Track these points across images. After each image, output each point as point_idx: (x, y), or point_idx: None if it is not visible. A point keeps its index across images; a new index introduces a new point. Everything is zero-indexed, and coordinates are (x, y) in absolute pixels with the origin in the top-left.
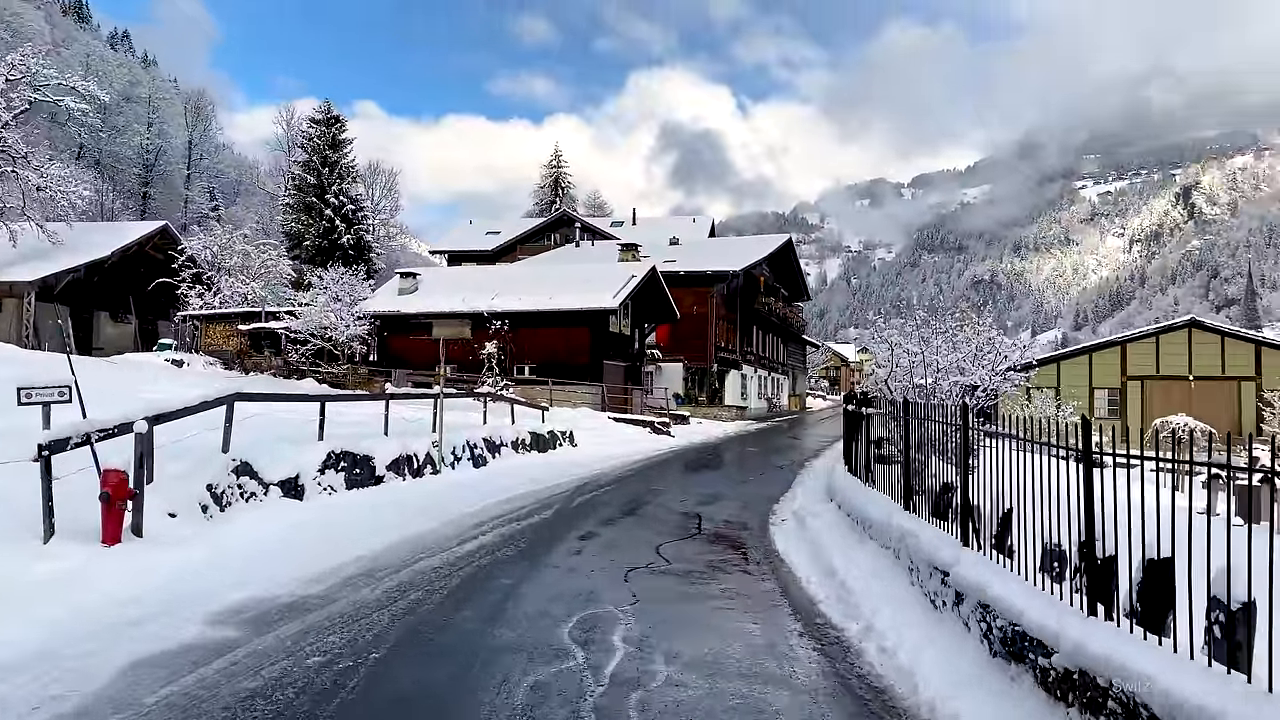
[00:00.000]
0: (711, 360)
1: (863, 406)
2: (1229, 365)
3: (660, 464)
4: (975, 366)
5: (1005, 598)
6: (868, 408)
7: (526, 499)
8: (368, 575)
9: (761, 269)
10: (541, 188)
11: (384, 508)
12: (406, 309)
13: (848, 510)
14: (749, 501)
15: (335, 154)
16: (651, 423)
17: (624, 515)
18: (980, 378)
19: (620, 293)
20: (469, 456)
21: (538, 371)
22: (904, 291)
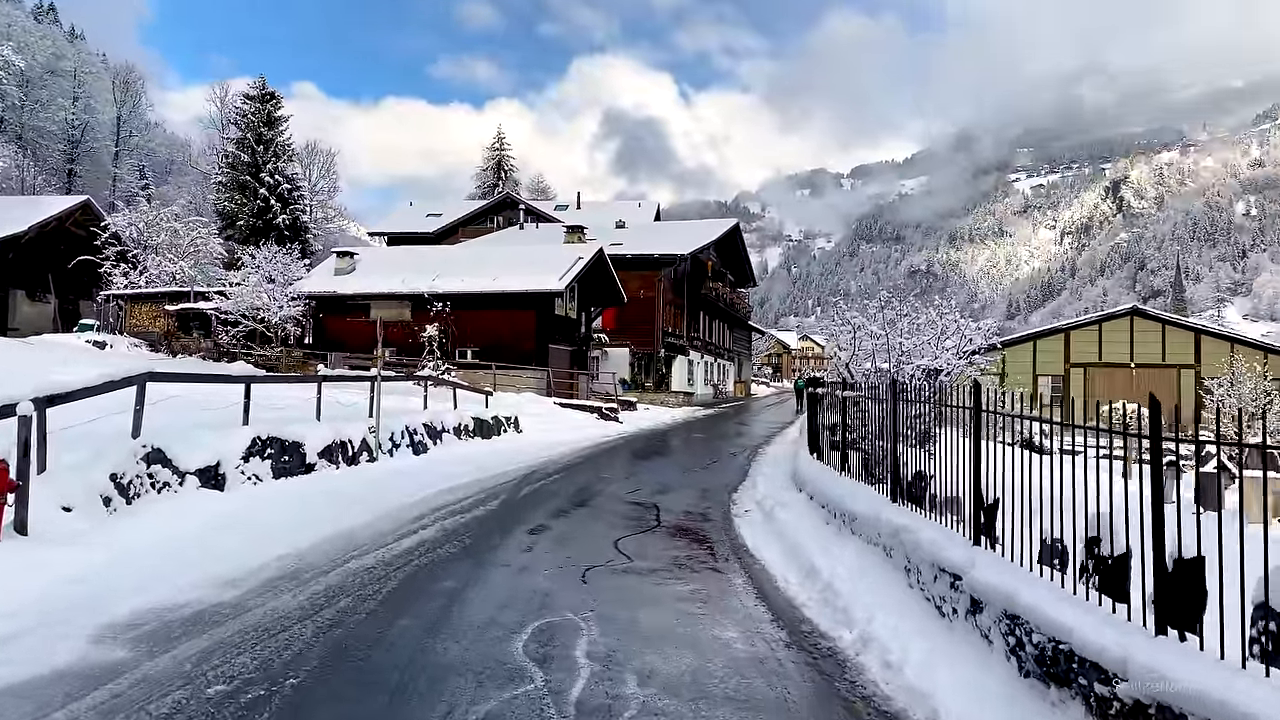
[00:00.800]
0: (659, 345)
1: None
2: (1170, 353)
3: (610, 451)
4: (938, 350)
5: (1040, 608)
6: (844, 390)
7: (470, 488)
8: (291, 577)
9: (709, 254)
10: (484, 170)
11: (314, 498)
12: (343, 290)
13: (822, 501)
14: (707, 490)
15: (270, 132)
16: (599, 408)
17: (576, 506)
18: (946, 361)
19: (566, 275)
20: (408, 443)
21: (481, 355)
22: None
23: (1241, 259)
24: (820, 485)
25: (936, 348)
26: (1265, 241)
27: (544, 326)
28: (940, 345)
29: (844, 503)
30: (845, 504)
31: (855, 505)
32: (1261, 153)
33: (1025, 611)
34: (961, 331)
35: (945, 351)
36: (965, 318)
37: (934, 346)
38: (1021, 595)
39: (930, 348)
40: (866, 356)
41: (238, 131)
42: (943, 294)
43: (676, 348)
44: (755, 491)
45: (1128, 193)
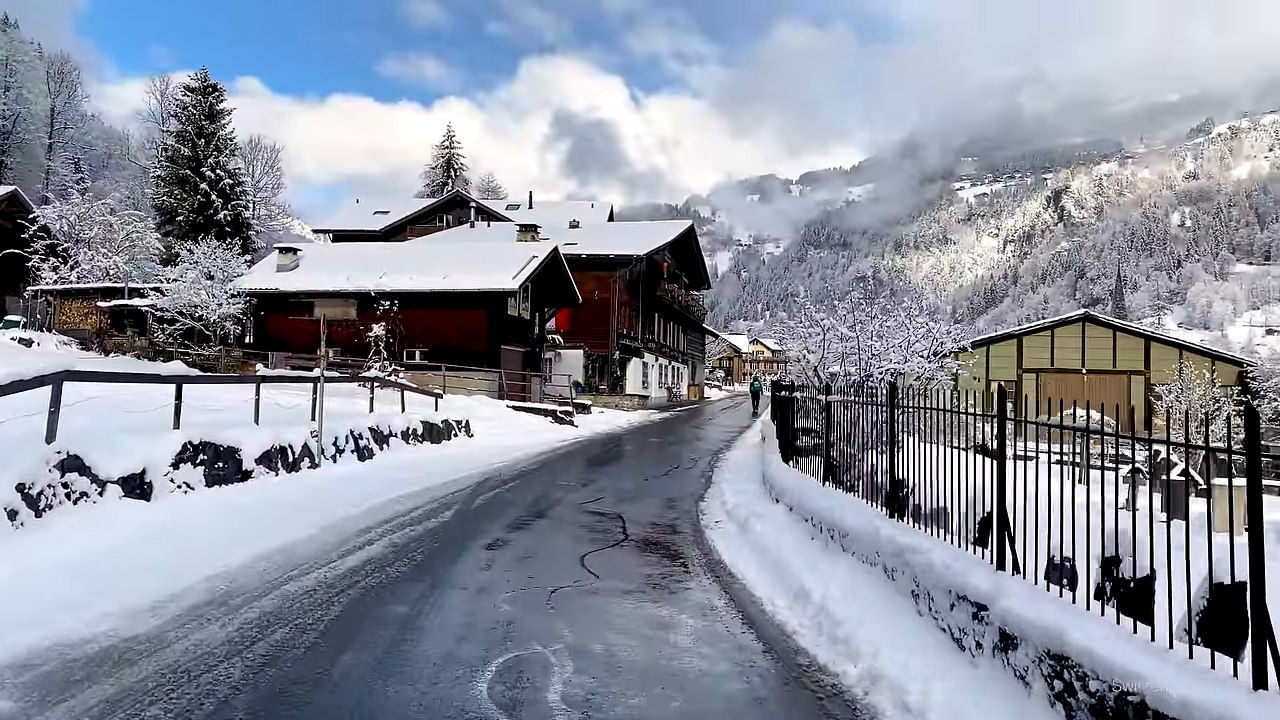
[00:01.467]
0: (613, 347)
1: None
2: (1120, 359)
3: (566, 456)
4: (908, 353)
5: (1097, 650)
6: (828, 395)
7: (421, 497)
8: (220, 603)
9: (664, 255)
10: (433, 169)
11: (251, 509)
12: (286, 287)
13: (804, 514)
14: (672, 499)
15: (212, 125)
16: (554, 412)
17: (536, 517)
18: (917, 364)
19: (520, 274)
20: (353, 448)
21: (430, 356)
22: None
23: (1177, 269)
24: (802, 496)
25: (906, 350)
26: (1199, 252)
27: (496, 327)
28: (910, 348)
29: (832, 516)
30: (834, 518)
31: (846, 519)
32: (1195, 165)
33: (1079, 654)
34: (933, 334)
35: (915, 355)
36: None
37: (904, 349)
38: (1071, 634)
39: (900, 350)
40: (835, 359)
41: (178, 124)
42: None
43: (631, 350)
44: (724, 500)
45: (1068, 202)
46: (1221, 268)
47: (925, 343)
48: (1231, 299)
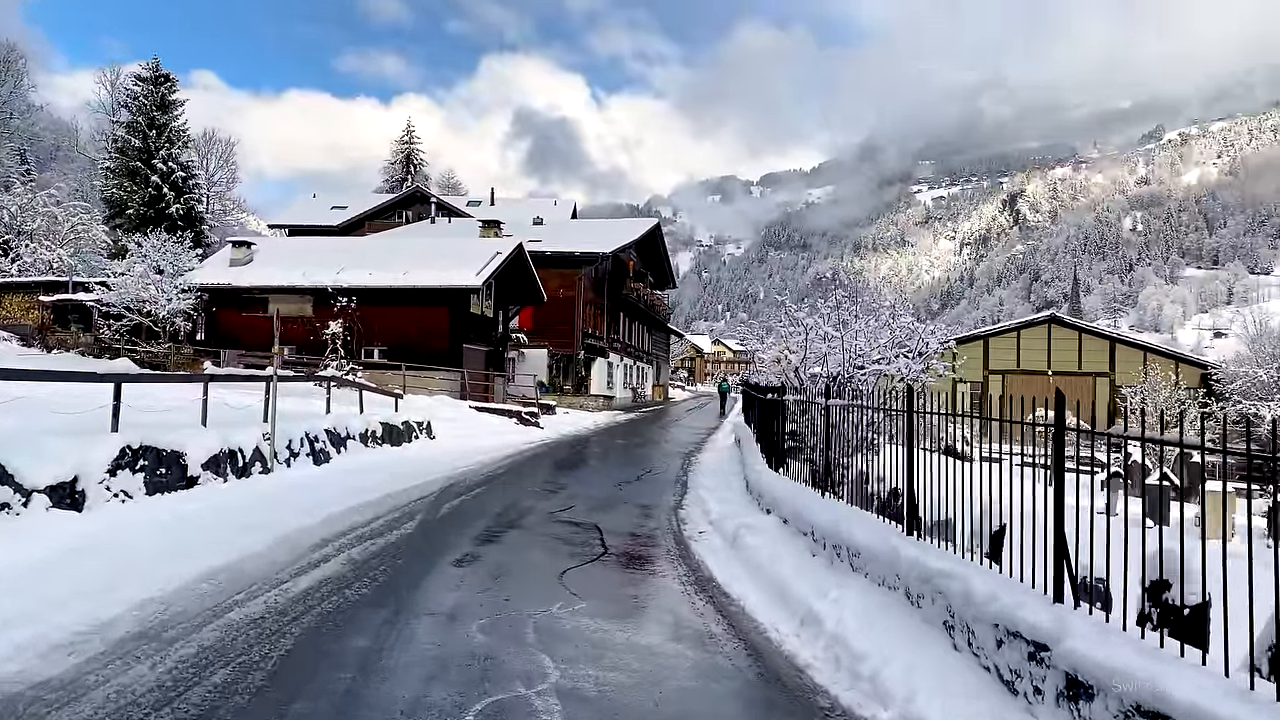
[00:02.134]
0: (578, 347)
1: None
2: (1085, 361)
3: (534, 460)
4: (894, 354)
5: (1205, 708)
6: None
7: (381, 506)
8: (153, 636)
9: (630, 254)
10: (392, 164)
11: (195, 520)
12: (239, 282)
13: (802, 526)
14: (649, 507)
15: (164, 116)
16: (518, 413)
17: (507, 528)
18: (904, 366)
19: (484, 270)
20: (308, 451)
21: (389, 355)
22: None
23: (1129, 272)
24: (798, 507)
25: (891, 351)
26: (1150, 256)
27: (458, 325)
28: (895, 348)
29: (838, 531)
30: (840, 533)
31: (855, 535)
32: (1147, 171)
33: (1187, 714)
34: (918, 334)
35: (901, 355)
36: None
37: (888, 349)
38: (1173, 690)
39: (885, 350)
40: (817, 359)
41: (129, 115)
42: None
43: (596, 349)
44: (706, 509)
45: (1024, 206)
46: (1172, 271)
47: (910, 343)
48: (1181, 302)
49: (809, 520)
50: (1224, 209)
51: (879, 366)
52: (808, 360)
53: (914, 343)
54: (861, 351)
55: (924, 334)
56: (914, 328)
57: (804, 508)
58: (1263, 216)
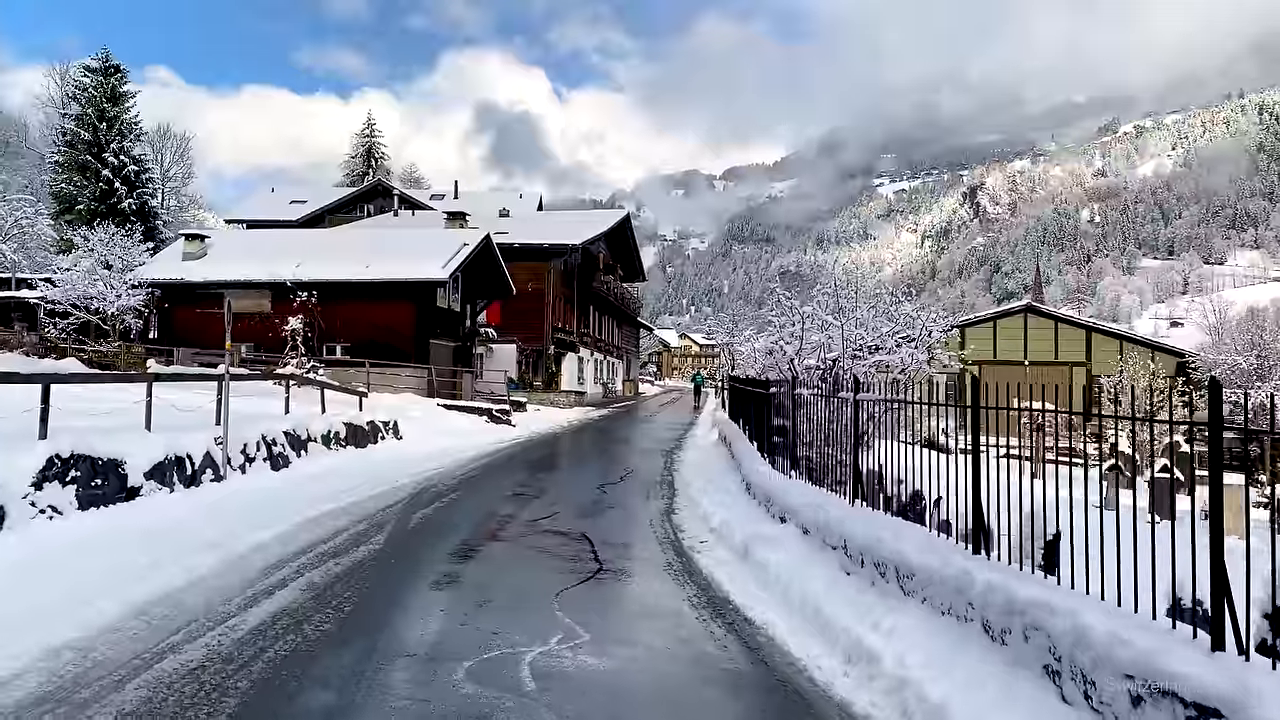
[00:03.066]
0: (548, 342)
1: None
2: (1062, 350)
3: (508, 460)
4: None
5: None
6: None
7: (346, 515)
8: (63, 698)
9: (599, 246)
10: (353, 158)
11: (132, 540)
12: (193, 277)
13: (829, 539)
14: (640, 513)
15: (115, 108)
16: (489, 410)
17: (487, 540)
18: (906, 354)
19: (450, 263)
20: (265, 456)
21: (353, 352)
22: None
23: (1087, 263)
24: (824, 517)
25: (893, 339)
26: (1107, 247)
27: (424, 320)
28: (897, 337)
29: (879, 546)
30: (882, 548)
31: (906, 553)
32: (1103, 163)
33: None
34: (921, 322)
35: (904, 346)
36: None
37: (890, 338)
38: None
39: (888, 339)
40: (813, 349)
41: (78, 107)
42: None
43: (567, 344)
44: (702, 513)
45: (984, 199)
46: (1129, 262)
47: (912, 331)
48: (1138, 292)
49: (840, 532)
50: (1179, 200)
51: (883, 356)
52: (804, 351)
53: (917, 331)
54: (862, 340)
55: (927, 322)
56: (916, 315)
57: (833, 518)
58: (1216, 207)
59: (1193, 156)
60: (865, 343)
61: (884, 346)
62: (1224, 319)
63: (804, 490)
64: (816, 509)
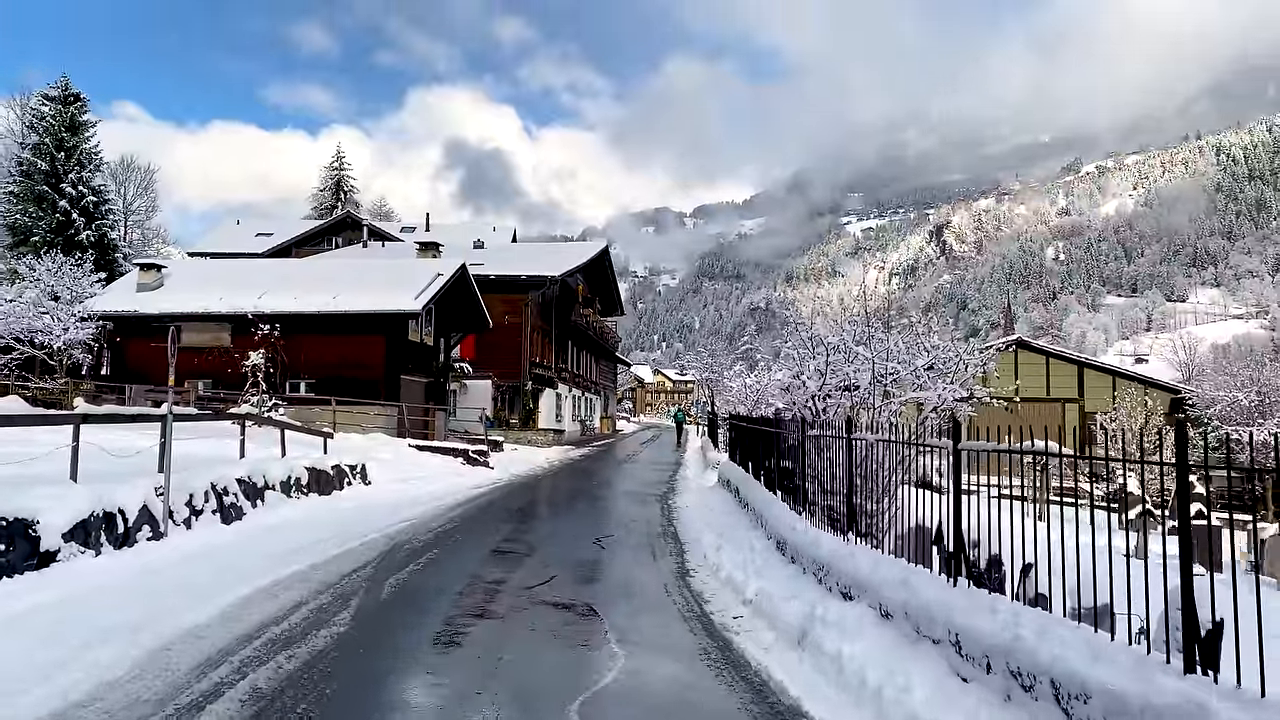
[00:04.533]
0: (525, 377)
1: (944, 437)
2: (1054, 387)
3: (488, 509)
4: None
5: None
6: (957, 440)
7: (305, 584)
8: None
9: (578, 278)
10: (322, 191)
11: (31, 625)
12: (146, 309)
13: (928, 628)
14: (650, 578)
15: (75, 138)
16: (465, 451)
17: (476, 617)
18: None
19: (424, 294)
20: (215, 508)
21: (318, 389)
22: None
23: (1052, 300)
24: (917, 600)
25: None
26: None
27: (395, 355)
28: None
29: (1027, 651)
30: (1034, 656)
31: (1072, 661)
32: (1067, 202)
33: None
34: (958, 356)
35: (940, 381)
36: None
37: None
38: None
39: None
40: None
41: (35, 136)
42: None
43: (544, 380)
44: (726, 578)
45: (950, 237)
46: (1093, 300)
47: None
48: (1104, 329)
49: (947, 622)
50: (1141, 239)
51: (923, 394)
52: (827, 386)
53: (951, 365)
54: (895, 373)
55: (964, 355)
56: (951, 347)
57: (931, 601)
58: (1177, 246)
59: (1153, 196)
60: (900, 376)
61: (918, 381)
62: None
63: (875, 560)
64: (900, 586)
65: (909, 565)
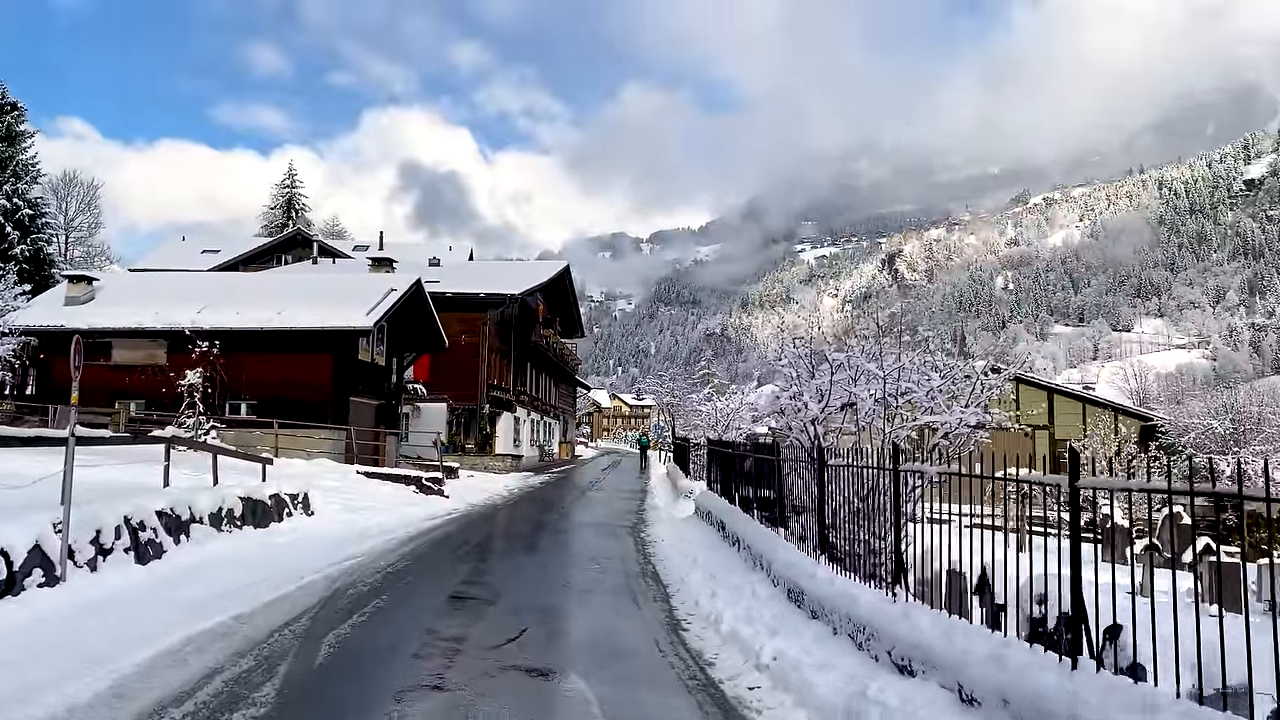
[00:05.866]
0: (483, 400)
1: (1061, 477)
2: (1023, 414)
3: (444, 544)
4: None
5: None
6: (1075, 480)
7: (225, 641)
8: None
9: (537, 298)
10: (272, 209)
11: None
12: (75, 324)
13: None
14: (637, 632)
15: (10, 148)
16: (418, 479)
17: (429, 690)
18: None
19: (376, 310)
20: (129, 545)
21: (260, 410)
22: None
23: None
24: (1022, 685)
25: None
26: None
27: (344, 375)
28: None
29: None
30: None
31: None
32: (1016, 233)
33: None
34: (978, 380)
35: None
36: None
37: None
38: None
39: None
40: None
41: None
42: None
43: (502, 403)
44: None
45: (902, 265)
46: (1041, 328)
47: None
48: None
49: (1046, 710)
50: (1087, 269)
51: (937, 417)
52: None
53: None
54: (910, 393)
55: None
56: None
57: (1051, 691)
58: (1122, 277)
59: (1099, 228)
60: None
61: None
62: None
63: (944, 625)
64: (991, 663)
65: (996, 635)
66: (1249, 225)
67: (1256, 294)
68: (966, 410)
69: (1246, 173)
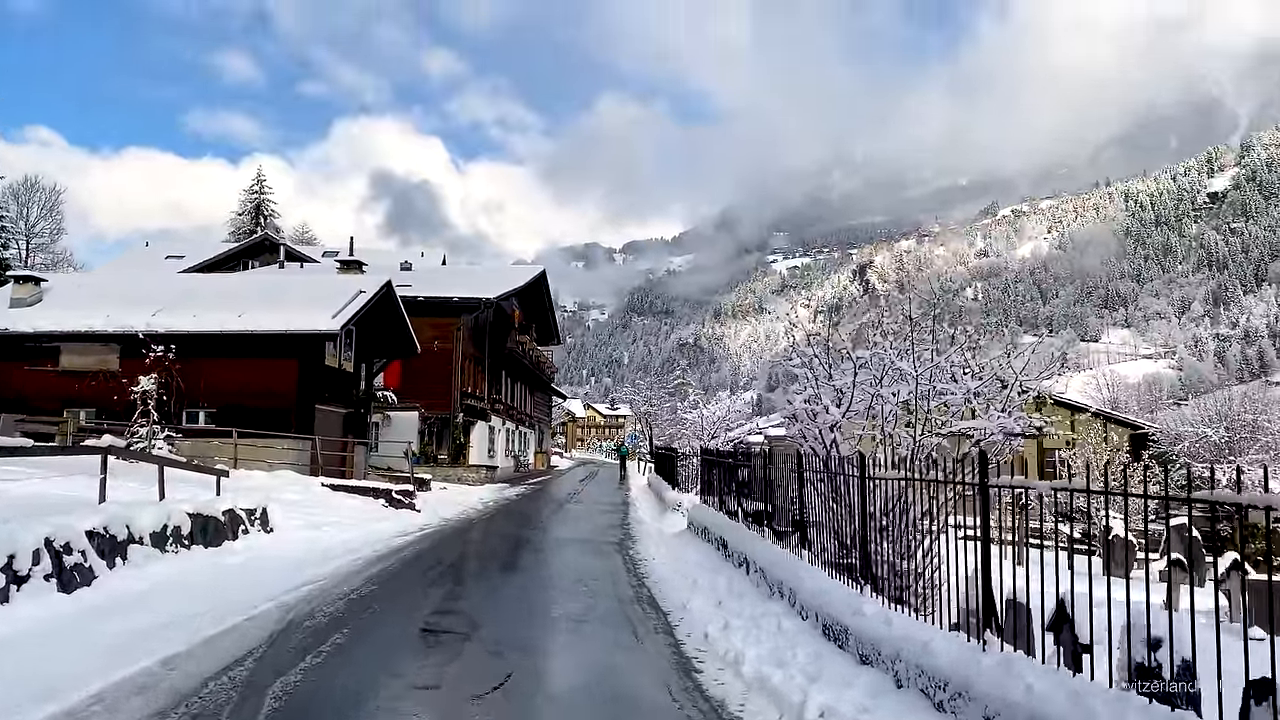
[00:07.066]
0: (456, 409)
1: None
2: None
3: (415, 565)
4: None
5: None
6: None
7: (144, 696)
8: None
9: (513, 303)
10: (241, 215)
11: None
12: (20, 327)
13: None
14: (643, 678)
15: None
16: (387, 491)
17: None
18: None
19: (343, 313)
20: (50, 571)
21: (220, 419)
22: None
23: None
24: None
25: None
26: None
27: (309, 381)
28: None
29: None
30: None
31: None
32: (985, 244)
33: None
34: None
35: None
36: None
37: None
38: None
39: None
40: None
41: None
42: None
43: (476, 412)
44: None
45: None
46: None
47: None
48: None
49: None
50: (1055, 280)
51: (975, 423)
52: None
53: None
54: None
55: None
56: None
57: None
58: (1090, 288)
59: (1066, 240)
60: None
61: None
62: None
63: (1068, 688)
64: None
65: (1138, 699)
66: (1213, 237)
67: (1220, 305)
68: (1008, 416)
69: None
